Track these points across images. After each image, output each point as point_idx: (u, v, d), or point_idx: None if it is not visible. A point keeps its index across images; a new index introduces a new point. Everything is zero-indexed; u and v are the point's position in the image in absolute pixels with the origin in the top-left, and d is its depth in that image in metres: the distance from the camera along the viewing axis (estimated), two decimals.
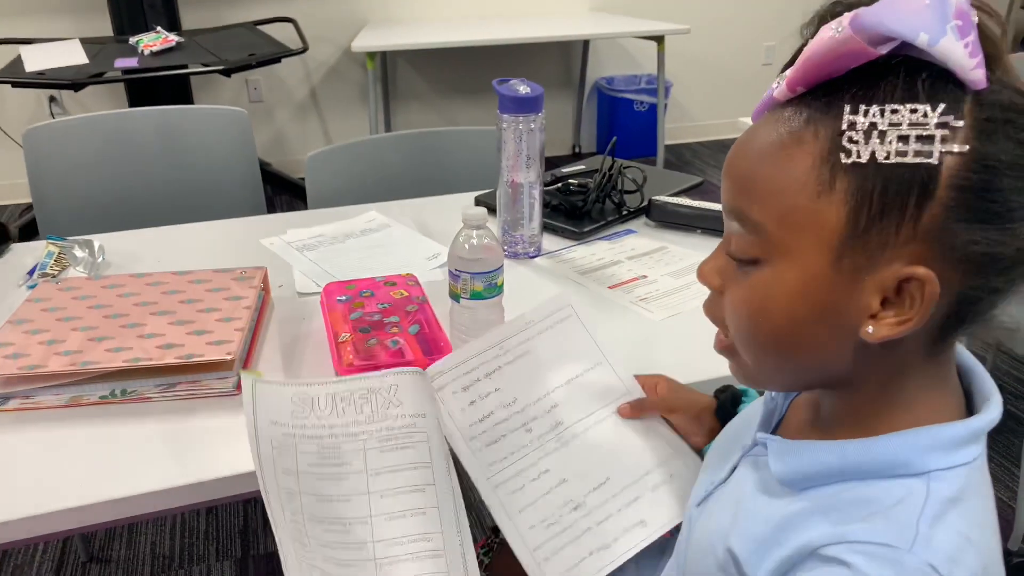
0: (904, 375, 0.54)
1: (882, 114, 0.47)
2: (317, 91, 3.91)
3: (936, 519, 0.49)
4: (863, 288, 0.50)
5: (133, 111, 1.72)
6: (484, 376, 0.84)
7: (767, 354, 0.57)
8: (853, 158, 0.48)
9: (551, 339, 0.87)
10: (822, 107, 0.50)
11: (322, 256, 1.26)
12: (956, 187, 0.46)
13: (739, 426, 0.72)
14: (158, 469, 0.81)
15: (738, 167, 0.55)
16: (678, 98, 4.41)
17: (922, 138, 0.46)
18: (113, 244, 1.28)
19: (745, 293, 0.55)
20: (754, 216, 0.53)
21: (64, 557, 1.74)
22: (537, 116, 1.16)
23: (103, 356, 0.90)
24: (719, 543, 0.60)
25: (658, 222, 1.35)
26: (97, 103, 3.55)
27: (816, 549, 0.51)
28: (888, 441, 0.53)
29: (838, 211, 0.49)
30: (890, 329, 0.50)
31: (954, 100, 0.46)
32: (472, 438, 0.82)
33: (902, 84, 0.47)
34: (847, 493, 0.53)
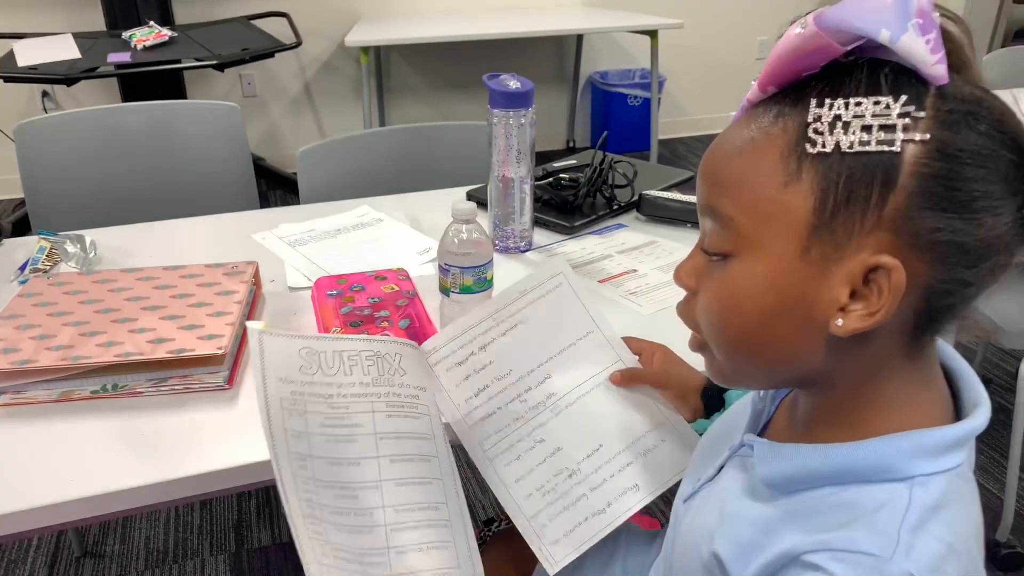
0: (881, 374, 0.54)
1: (847, 107, 0.48)
2: (311, 86, 3.91)
3: (917, 527, 0.50)
4: (831, 279, 0.50)
5: (125, 106, 1.72)
6: (478, 349, 0.84)
7: (738, 351, 0.57)
8: (818, 148, 0.49)
9: (544, 308, 0.87)
10: (790, 103, 0.51)
11: (314, 251, 1.26)
12: (919, 175, 0.47)
13: (729, 423, 0.73)
14: (150, 464, 0.81)
15: (710, 165, 0.56)
16: (672, 92, 4.42)
17: (885, 127, 0.48)
18: (105, 239, 1.28)
19: (717, 289, 0.56)
20: (724, 210, 0.54)
21: (58, 552, 1.75)
22: (527, 111, 1.16)
23: (94, 351, 0.90)
24: (704, 543, 0.61)
25: (648, 216, 1.36)
26: (90, 98, 3.54)
27: (798, 555, 0.52)
28: (872, 446, 0.53)
29: (805, 201, 0.50)
30: (859, 321, 0.50)
31: (916, 93, 0.48)
32: (467, 413, 0.83)
33: (866, 79, 0.49)
34: (831, 498, 0.54)
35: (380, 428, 0.75)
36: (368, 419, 0.75)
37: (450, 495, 0.77)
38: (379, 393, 0.76)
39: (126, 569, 1.70)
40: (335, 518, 0.72)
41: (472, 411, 0.84)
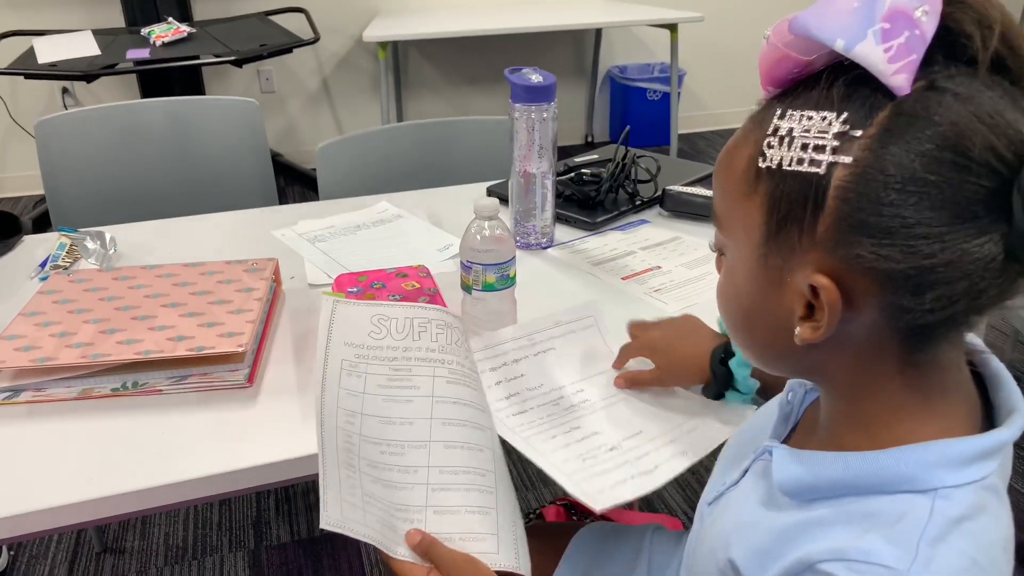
0: (887, 383, 0.52)
1: (799, 120, 0.48)
2: (329, 81, 3.90)
3: (938, 539, 0.47)
4: (788, 290, 0.51)
5: (145, 102, 1.72)
6: (512, 362, 0.88)
7: (735, 335, 0.60)
8: (767, 163, 0.50)
9: (572, 342, 0.93)
10: (771, 109, 0.51)
11: (333, 247, 1.25)
12: (842, 199, 0.46)
13: (756, 427, 0.71)
14: (170, 461, 0.80)
15: (717, 163, 0.57)
16: (691, 87, 4.38)
17: (817, 147, 0.47)
18: (125, 236, 1.28)
19: (720, 279, 0.59)
20: (716, 209, 0.56)
21: (78, 548, 1.75)
22: (549, 105, 1.14)
23: (114, 348, 0.90)
24: (721, 549, 0.59)
25: (672, 212, 1.34)
26: (109, 94, 3.55)
27: (813, 563, 0.50)
28: (893, 455, 0.51)
29: (759, 213, 0.51)
30: (809, 333, 0.50)
31: (869, 108, 0.46)
32: (499, 410, 0.84)
33: (825, 90, 0.48)
34: (850, 507, 0.52)
35: (439, 392, 0.76)
36: (428, 382, 0.76)
37: (499, 467, 0.76)
38: (443, 360, 0.77)
39: (146, 565, 1.71)
40: (374, 472, 0.73)
41: (504, 408, 0.85)
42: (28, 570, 1.70)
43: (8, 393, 0.88)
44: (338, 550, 1.73)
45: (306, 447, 0.82)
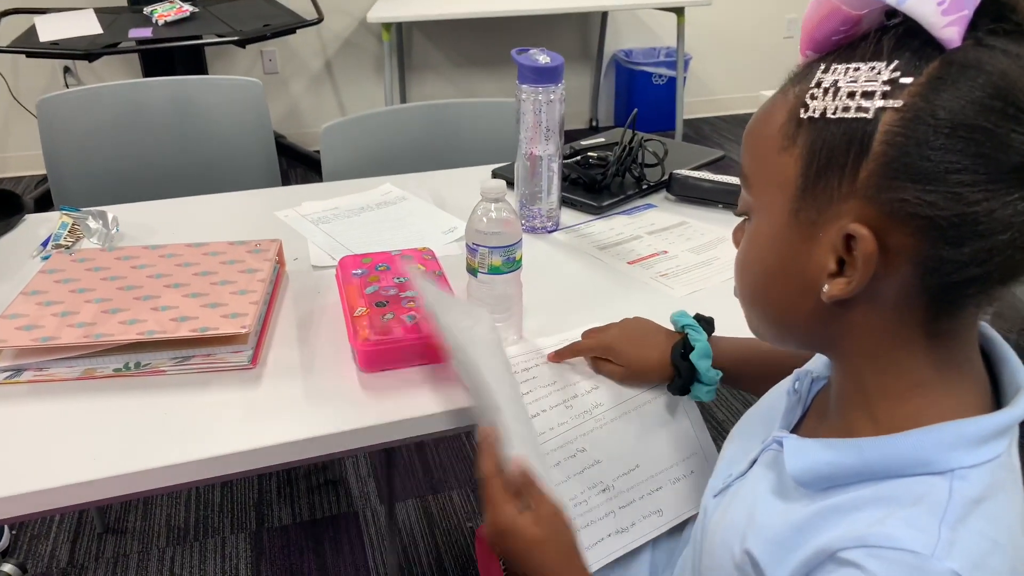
0: (902, 353, 0.52)
1: (846, 72, 0.48)
2: (332, 62, 3.87)
3: (959, 522, 0.47)
4: (818, 244, 0.50)
5: (147, 81, 1.70)
6: (522, 369, 0.89)
7: (752, 305, 0.59)
8: (809, 113, 0.49)
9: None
10: (811, 69, 0.51)
11: (337, 229, 1.24)
12: (890, 143, 0.46)
13: (761, 416, 0.70)
14: (173, 444, 0.80)
15: (749, 124, 0.56)
16: (697, 71, 4.35)
17: (866, 94, 0.47)
18: (127, 215, 1.27)
19: (740, 247, 0.58)
20: (745, 169, 0.56)
21: (80, 528, 1.75)
22: (557, 87, 1.13)
23: (117, 328, 0.89)
24: (735, 541, 0.59)
25: (679, 196, 1.33)
26: (111, 73, 3.53)
27: (834, 552, 0.49)
28: (908, 438, 0.50)
29: (795, 164, 0.51)
30: (840, 289, 0.50)
31: (919, 58, 0.46)
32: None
33: (874, 43, 0.48)
34: (866, 492, 0.51)
35: None
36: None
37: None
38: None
39: (147, 546, 1.71)
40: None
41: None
42: (30, 550, 1.70)
43: (9, 373, 0.88)
44: (340, 532, 1.73)
45: (309, 429, 0.82)
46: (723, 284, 1.07)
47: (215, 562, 1.67)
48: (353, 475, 1.89)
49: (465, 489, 1.87)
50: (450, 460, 1.96)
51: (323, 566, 1.65)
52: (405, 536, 1.74)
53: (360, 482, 1.87)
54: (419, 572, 1.66)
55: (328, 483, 1.86)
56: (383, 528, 1.74)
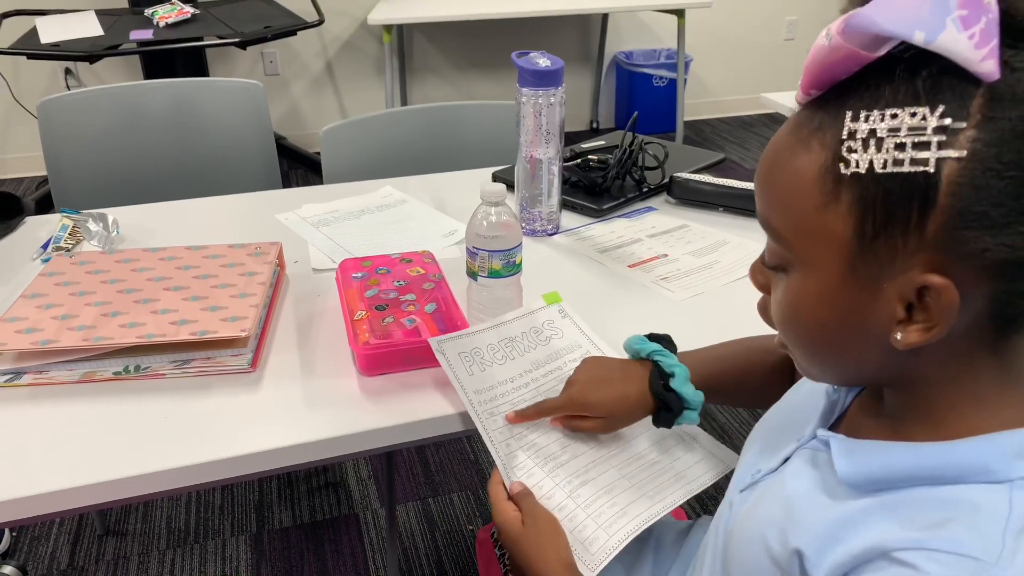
0: (968, 373, 0.51)
1: (882, 119, 0.46)
2: (333, 64, 3.88)
3: (1021, 533, 0.47)
4: (883, 296, 0.49)
5: (148, 83, 1.70)
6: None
7: (809, 354, 0.57)
8: (852, 168, 0.47)
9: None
10: (831, 112, 0.48)
11: (337, 232, 1.24)
12: (956, 195, 0.44)
13: (792, 412, 0.69)
14: (172, 447, 0.80)
15: (762, 173, 0.54)
16: (698, 73, 4.35)
17: (918, 145, 0.44)
18: (128, 218, 1.27)
19: (780, 297, 0.55)
20: (774, 224, 0.53)
21: (81, 530, 1.75)
22: (557, 90, 1.13)
23: (116, 332, 0.89)
24: (773, 536, 0.58)
25: (679, 199, 1.32)
26: (112, 75, 3.53)
27: (889, 551, 0.49)
28: (968, 445, 0.50)
29: (845, 222, 0.48)
30: (919, 336, 0.48)
31: (961, 97, 0.44)
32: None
33: (904, 85, 0.45)
34: (921, 495, 0.51)
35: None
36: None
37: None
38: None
39: (148, 548, 1.71)
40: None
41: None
42: (30, 552, 1.70)
43: (9, 376, 0.88)
44: (340, 534, 1.73)
45: (309, 433, 0.82)
46: (724, 287, 1.07)
47: (215, 564, 1.67)
48: (353, 477, 1.89)
49: (465, 492, 1.87)
50: (450, 463, 1.96)
51: (323, 568, 1.65)
52: (405, 538, 1.74)
53: (360, 484, 1.87)
54: (420, 574, 1.65)
55: (328, 485, 1.86)
56: (383, 530, 1.74)
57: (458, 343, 0.86)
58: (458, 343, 0.86)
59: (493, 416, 0.83)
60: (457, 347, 0.86)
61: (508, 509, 0.76)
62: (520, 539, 0.74)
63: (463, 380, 0.84)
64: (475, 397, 0.83)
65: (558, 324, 0.92)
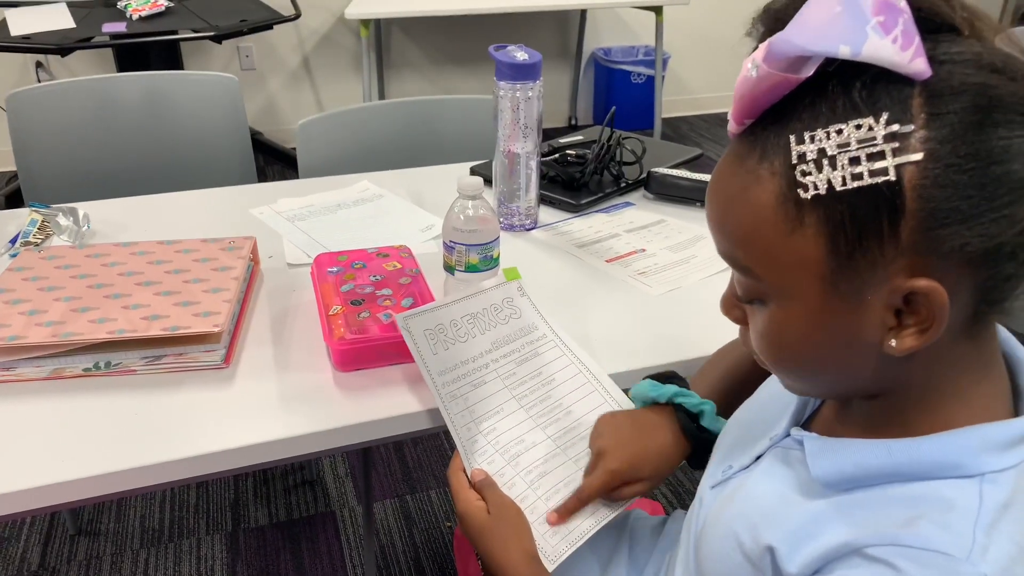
0: (952, 363, 0.51)
1: (828, 137, 0.45)
2: (310, 59, 3.84)
3: (991, 527, 0.47)
4: (870, 308, 0.48)
5: (120, 76, 1.68)
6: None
7: (799, 376, 0.56)
8: (811, 191, 0.46)
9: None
10: (772, 139, 0.48)
11: (313, 226, 1.23)
12: (923, 196, 0.44)
13: (763, 409, 0.69)
14: (144, 445, 0.78)
15: (714, 213, 0.53)
16: (676, 70, 4.36)
17: (873, 155, 0.44)
18: (99, 212, 1.25)
19: (761, 327, 0.54)
20: (742, 261, 0.52)
21: (52, 530, 1.72)
22: (535, 84, 1.12)
23: (86, 327, 0.87)
24: (744, 532, 0.58)
25: (657, 195, 1.32)
26: (85, 69, 3.48)
27: (861, 548, 0.49)
28: (938, 441, 0.50)
29: (816, 244, 0.47)
30: (915, 340, 0.48)
31: (900, 100, 0.44)
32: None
33: (840, 99, 0.45)
34: (893, 491, 0.51)
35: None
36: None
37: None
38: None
39: (121, 548, 1.68)
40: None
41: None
42: (0, 553, 1.67)
43: None
44: (317, 532, 1.72)
45: (284, 429, 0.81)
46: (700, 282, 1.07)
47: (190, 564, 1.65)
48: (330, 475, 1.87)
49: (443, 488, 1.86)
50: (428, 459, 1.95)
51: (300, 567, 1.64)
52: (383, 536, 1.73)
53: (337, 482, 1.86)
54: (397, 572, 1.65)
55: (305, 483, 1.84)
56: (361, 528, 1.73)
57: (424, 319, 0.83)
58: (424, 319, 0.83)
59: (456, 399, 0.82)
60: (423, 324, 0.83)
61: (472, 498, 0.76)
62: (485, 529, 0.74)
63: (428, 361, 0.82)
64: (439, 379, 0.82)
65: (516, 303, 0.89)
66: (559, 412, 0.85)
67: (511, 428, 0.83)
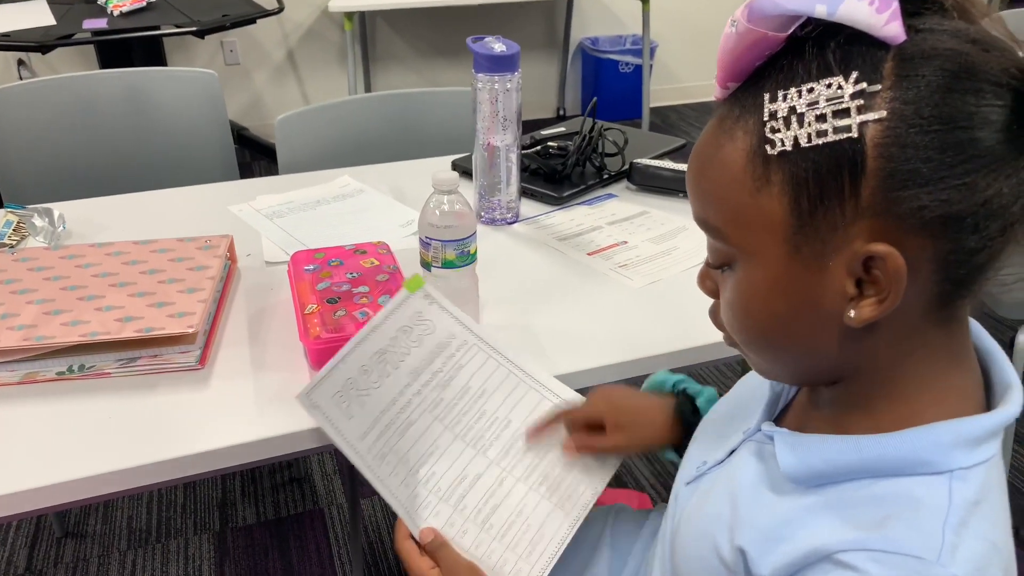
0: (920, 350, 0.50)
1: (799, 95, 0.46)
2: (295, 53, 3.82)
3: (961, 525, 0.47)
4: (831, 274, 0.48)
5: (100, 73, 1.66)
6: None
7: (763, 350, 0.55)
8: (779, 147, 0.46)
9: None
10: (750, 99, 0.48)
11: (292, 223, 1.21)
12: (884, 156, 0.44)
13: (738, 403, 0.69)
14: (119, 448, 0.77)
15: (693, 174, 0.53)
16: (663, 59, 4.34)
17: (838, 113, 0.44)
18: (75, 212, 1.23)
19: (728, 296, 0.54)
20: (712, 221, 0.52)
21: (39, 533, 1.71)
22: (513, 75, 1.11)
23: (59, 331, 0.86)
24: (720, 532, 0.58)
25: (639, 186, 1.31)
26: (67, 66, 3.45)
27: (831, 553, 0.49)
28: (908, 437, 0.49)
29: (780, 203, 0.47)
30: (872, 310, 0.47)
31: (872, 62, 0.44)
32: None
33: (816, 60, 0.45)
34: (863, 491, 0.50)
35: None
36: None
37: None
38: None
39: (108, 549, 1.67)
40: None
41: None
42: None
43: None
44: (305, 531, 1.71)
45: (261, 431, 0.80)
46: (682, 274, 1.06)
47: (178, 564, 1.64)
48: (318, 472, 1.87)
49: None
50: None
51: (288, 565, 1.63)
52: (371, 533, 1.72)
53: (326, 479, 1.85)
54: (385, 569, 1.64)
55: (293, 481, 1.83)
56: (349, 525, 1.72)
57: (329, 384, 0.76)
58: (329, 384, 0.76)
59: (384, 457, 0.77)
60: (329, 389, 0.76)
61: (425, 567, 0.73)
62: None
63: (344, 431, 0.76)
64: (361, 445, 0.76)
65: (427, 315, 0.81)
66: (497, 427, 0.81)
67: (451, 466, 0.78)
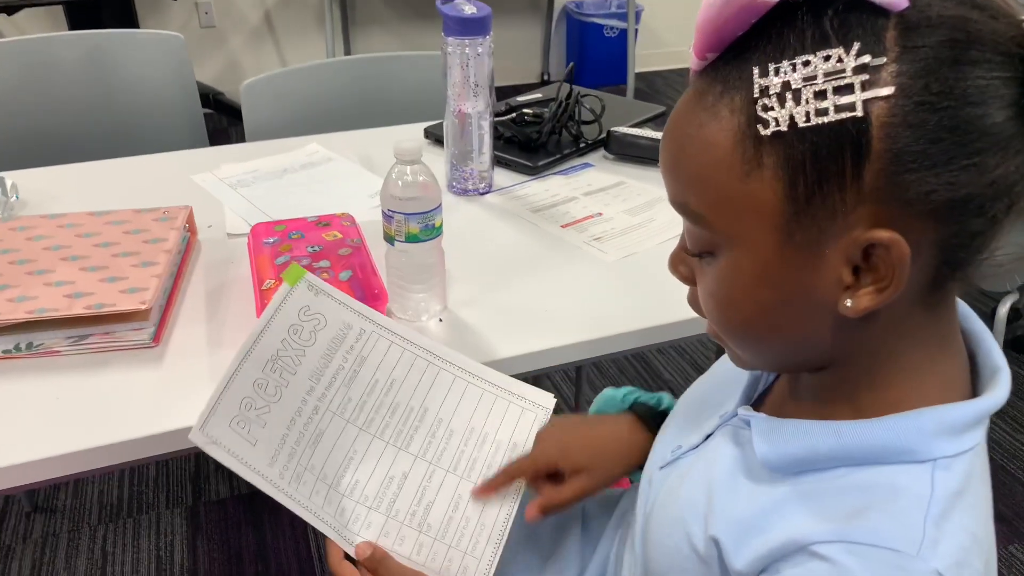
0: (908, 334, 0.47)
1: (794, 69, 0.41)
2: (272, 15, 3.72)
3: (943, 517, 0.44)
4: (827, 262, 0.44)
5: (60, 35, 1.59)
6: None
7: (747, 341, 0.52)
8: (772, 128, 0.42)
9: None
10: (735, 73, 0.43)
11: (256, 193, 1.17)
12: (891, 136, 0.40)
13: (715, 385, 0.66)
14: (69, 430, 0.74)
15: (668, 157, 0.49)
16: (650, 24, 4.27)
17: (840, 89, 0.40)
18: (29, 182, 1.18)
19: (709, 286, 0.50)
20: (693, 206, 0.48)
21: (7, 508, 1.68)
22: (484, 39, 1.07)
23: (4, 307, 0.82)
24: (694, 520, 0.55)
25: (617, 155, 1.28)
26: (36, 28, 3.35)
27: (807, 545, 0.46)
28: (890, 424, 0.47)
29: (773, 188, 0.43)
30: (871, 299, 0.44)
31: (874, 31, 0.40)
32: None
33: (811, 29, 0.41)
34: (842, 480, 0.48)
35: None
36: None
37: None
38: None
39: (78, 524, 1.65)
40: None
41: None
42: None
43: None
44: (279, 505, 1.68)
45: None
46: (657, 247, 1.03)
47: (149, 539, 1.61)
48: None
49: None
50: None
51: (262, 541, 1.61)
52: None
53: None
54: None
55: None
56: None
57: (223, 413, 0.69)
58: (223, 413, 0.69)
59: (299, 478, 0.71)
60: (225, 417, 0.69)
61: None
62: None
63: (251, 461, 0.70)
64: (272, 472, 0.70)
65: (315, 309, 0.73)
66: (414, 418, 0.74)
67: (374, 470, 0.72)
